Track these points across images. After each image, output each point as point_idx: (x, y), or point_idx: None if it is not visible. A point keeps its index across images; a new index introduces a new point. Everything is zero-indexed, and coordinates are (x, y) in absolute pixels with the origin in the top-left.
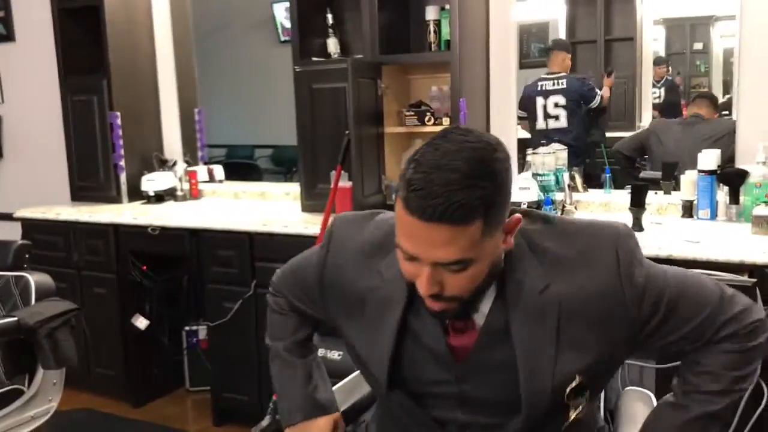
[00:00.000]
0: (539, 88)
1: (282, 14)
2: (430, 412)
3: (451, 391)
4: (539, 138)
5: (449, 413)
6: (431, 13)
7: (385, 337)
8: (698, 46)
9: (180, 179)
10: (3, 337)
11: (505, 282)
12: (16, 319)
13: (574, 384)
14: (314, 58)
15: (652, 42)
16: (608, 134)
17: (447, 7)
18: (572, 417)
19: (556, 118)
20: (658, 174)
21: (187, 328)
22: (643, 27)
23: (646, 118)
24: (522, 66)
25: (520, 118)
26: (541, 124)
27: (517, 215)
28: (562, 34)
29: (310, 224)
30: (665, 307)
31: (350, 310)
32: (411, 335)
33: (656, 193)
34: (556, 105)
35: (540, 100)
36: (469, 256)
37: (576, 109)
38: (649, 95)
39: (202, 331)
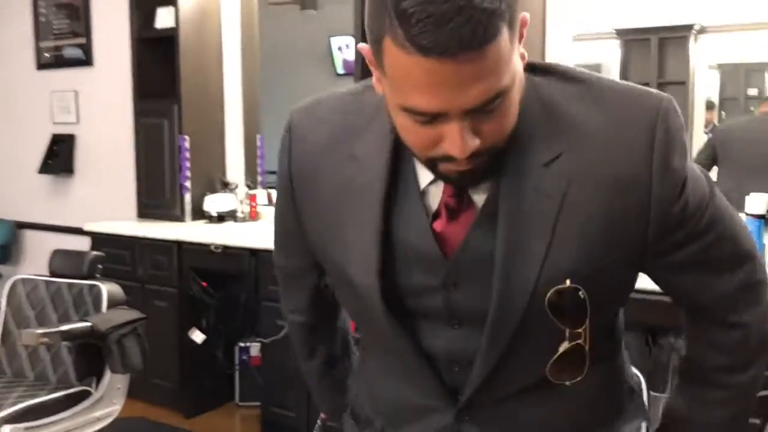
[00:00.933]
0: None
1: (338, 48)
2: (420, 342)
3: (437, 304)
4: None
5: (435, 340)
6: None
7: (368, 235)
8: (752, 92)
9: (241, 201)
10: (76, 340)
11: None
12: (89, 324)
13: (561, 287)
14: None
15: (705, 86)
16: None
17: None
18: (561, 350)
19: None
20: None
21: (240, 344)
22: (697, 71)
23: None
24: None
25: None
26: None
27: (524, 14)
28: (615, 76)
29: None
30: (699, 219)
31: (325, 216)
32: (394, 229)
33: None
34: None
35: None
36: (504, 83)
37: None
38: (701, 139)
39: (255, 348)
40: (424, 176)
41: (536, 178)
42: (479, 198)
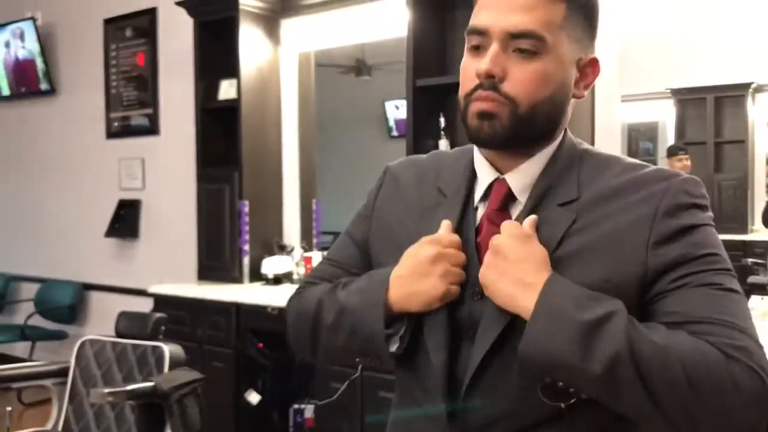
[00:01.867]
0: None
1: (393, 111)
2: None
3: (462, 315)
4: None
5: (439, 353)
6: None
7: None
8: None
9: (297, 264)
10: (140, 399)
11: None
12: (153, 384)
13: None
14: None
15: (765, 144)
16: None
17: None
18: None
19: None
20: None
21: (295, 405)
22: (756, 129)
23: (758, 221)
24: None
25: None
26: None
27: (597, 58)
28: (671, 135)
29: None
30: (685, 264)
31: (398, 239)
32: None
33: (762, 298)
34: None
35: None
36: (542, 33)
37: None
38: (762, 197)
39: (309, 410)
40: (477, 194)
41: (548, 212)
42: (515, 209)
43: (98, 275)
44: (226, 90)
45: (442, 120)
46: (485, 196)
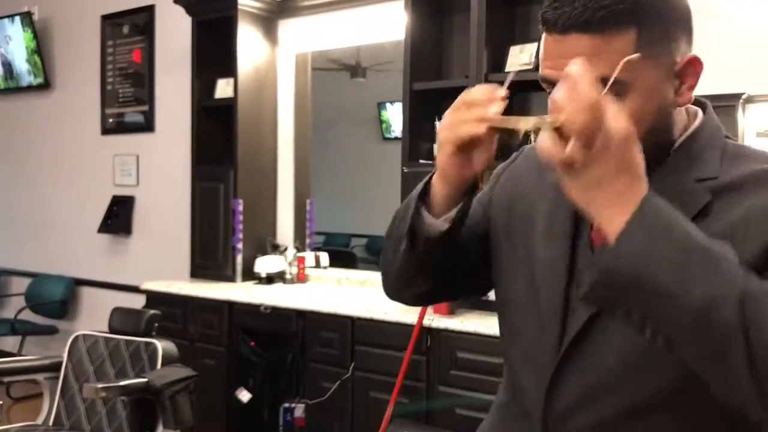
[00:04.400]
0: None
1: (394, 113)
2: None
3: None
4: None
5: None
6: None
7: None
8: None
9: (290, 263)
10: (132, 395)
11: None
12: (146, 380)
13: None
14: (422, 161)
15: None
16: None
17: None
18: None
19: None
20: None
21: (285, 404)
22: (745, 139)
23: None
24: None
25: None
26: None
27: (696, 56)
28: None
29: (408, 313)
30: None
31: (520, 211)
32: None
33: None
34: None
35: None
36: (620, 76)
37: None
38: None
39: (300, 409)
40: None
41: (683, 186)
42: None
43: (90, 271)
44: (223, 89)
45: (437, 123)
46: None
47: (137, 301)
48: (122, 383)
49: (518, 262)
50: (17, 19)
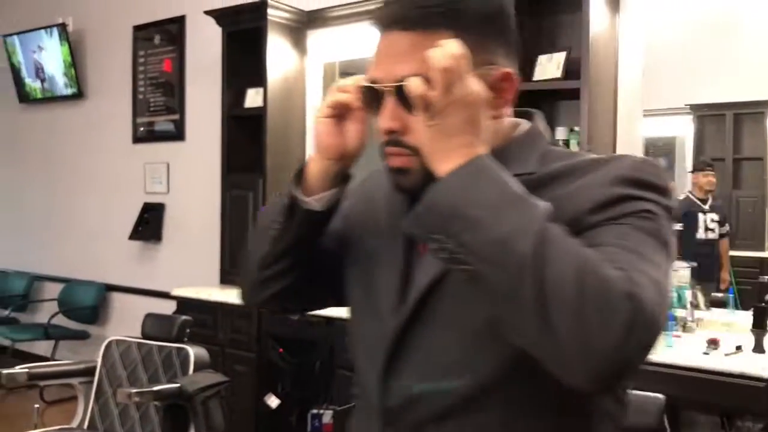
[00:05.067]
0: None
1: None
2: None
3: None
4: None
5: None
6: (560, 133)
7: (396, 252)
8: None
9: None
10: (165, 400)
11: None
12: (178, 385)
13: None
14: None
15: None
16: (735, 253)
17: (576, 128)
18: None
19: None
20: None
21: (313, 411)
22: None
23: None
24: None
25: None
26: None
27: (510, 71)
28: (689, 151)
29: None
30: (611, 226)
31: (358, 230)
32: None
33: None
34: (712, 221)
35: (701, 216)
36: (428, 74)
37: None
38: None
39: (327, 416)
40: None
41: None
42: None
43: (121, 277)
44: (253, 98)
45: None
46: None
47: (167, 307)
48: (155, 388)
49: (360, 268)
50: (54, 31)
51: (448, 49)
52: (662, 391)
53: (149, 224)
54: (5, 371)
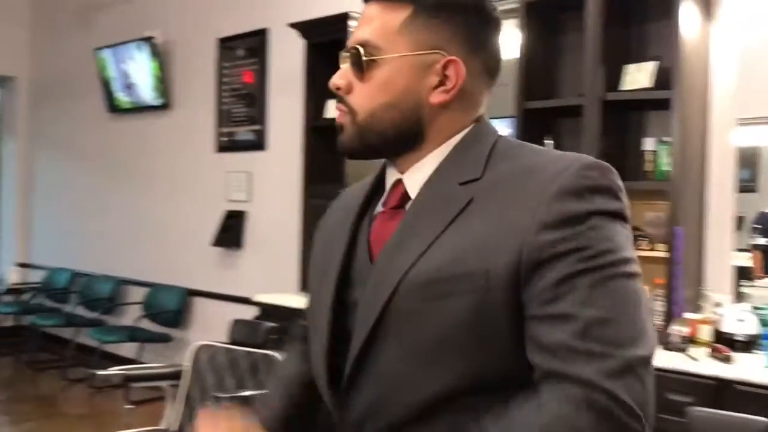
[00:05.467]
0: None
1: None
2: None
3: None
4: None
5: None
6: (649, 144)
7: (338, 253)
8: None
9: None
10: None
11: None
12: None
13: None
14: None
15: None
16: None
17: (666, 139)
18: None
19: None
20: None
21: None
22: None
23: None
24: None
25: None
26: None
27: (455, 59)
28: None
29: None
30: (566, 259)
31: (320, 254)
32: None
33: None
34: None
35: None
36: (375, 42)
37: None
38: None
39: None
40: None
41: (449, 191)
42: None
43: (202, 282)
44: (332, 109)
45: (548, 142)
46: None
47: (246, 313)
48: (245, 394)
49: (319, 286)
50: (143, 45)
51: None
52: (766, 415)
53: (231, 231)
54: (100, 372)
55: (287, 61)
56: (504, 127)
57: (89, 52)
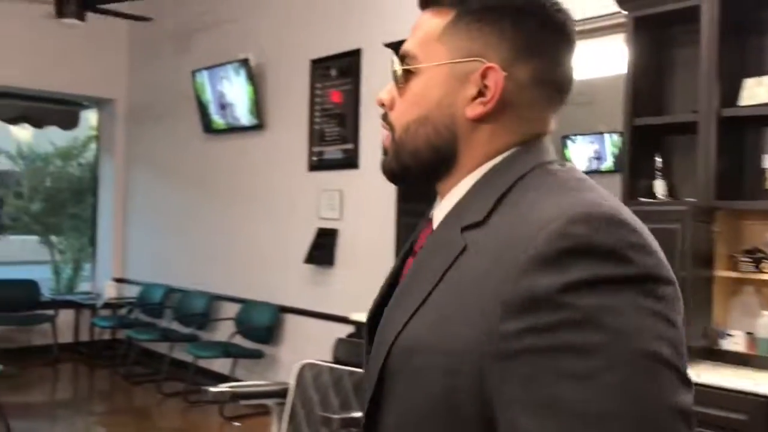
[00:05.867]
0: None
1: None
2: None
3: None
4: None
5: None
6: None
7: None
8: None
9: None
10: (347, 428)
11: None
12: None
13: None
14: (641, 198)
15: None
16: None
17: None
18: None
19: None
20: None
21: None
22: None
23: None
24: None
25: None
26: None
27: (493, 66)
28: None
29: None
30: (533, 359)
31: None
32: None
33: None
34: None
35: None
36: (414, 52)
37: None
38: None
39: None
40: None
41: (450, 236)
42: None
43: (294, 299)
44: None
45: (658, 160)
46: None
47: (338, 330)
48: (354, 415)
49: None
50: (238, 67)
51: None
52: None
53: (323, 249)
54: (213, 389)
55: (380, 80)
56: (588, 144)
57: (185, 74)
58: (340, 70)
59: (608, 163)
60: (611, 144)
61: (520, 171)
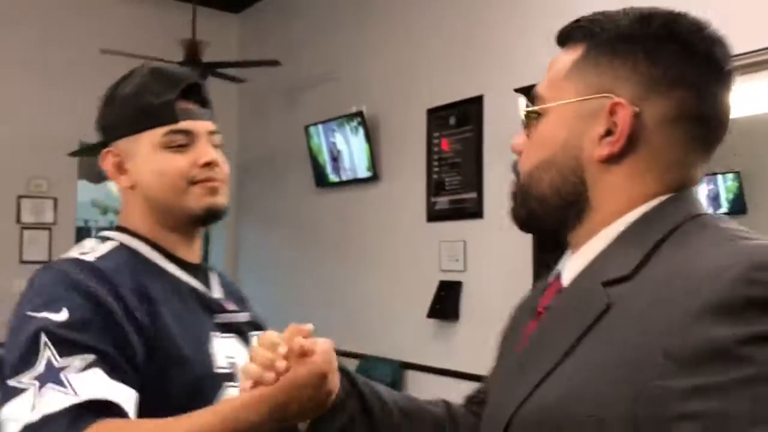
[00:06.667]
0: None
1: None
2: None
3: None
4: None
5: None
6: None
7: None
8: None
9: None
10: None
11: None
12: None
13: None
14: None
15: None
16: None
17: None
18: None
19: None
20: None
21: None
22: None
23: None
24: None
25: None
26: None
27: (620, 101)
28: None
29: None
30: (703, 425)
31: None
32: None
33: None
34: None
35: None
36: (542, 93)
37: None
38: None
39: None
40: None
41: (588, 292)
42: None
43: (416, 355)
44: None
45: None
46: None
47: (463, 388)
48: None
49: None
50: (352, 119)
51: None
52: None
53: (446, 302)
54: None
55: (502, 126)
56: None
57: (296, 128)
58: (459, 117)
59: (723, 208)
60: (725, 188)
61: (673, 222)
